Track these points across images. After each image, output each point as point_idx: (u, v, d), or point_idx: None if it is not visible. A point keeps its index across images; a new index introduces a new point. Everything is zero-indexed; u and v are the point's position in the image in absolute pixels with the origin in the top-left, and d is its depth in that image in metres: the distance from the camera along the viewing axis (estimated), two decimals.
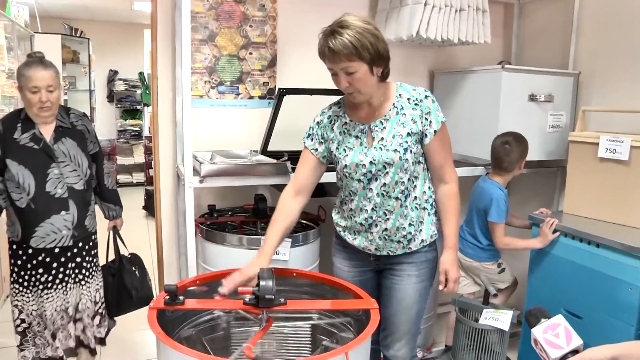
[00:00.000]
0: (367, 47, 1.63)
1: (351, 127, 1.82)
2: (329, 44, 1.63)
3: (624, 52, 2.60)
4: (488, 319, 2.37)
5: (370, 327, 1.49)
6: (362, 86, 1.68)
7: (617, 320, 2.11)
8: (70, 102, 6.77)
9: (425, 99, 1.78)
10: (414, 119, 1.76)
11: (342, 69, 1.66)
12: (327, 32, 1.65)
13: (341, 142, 1.83)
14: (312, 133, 1.89)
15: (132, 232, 5.62)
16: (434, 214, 1.89)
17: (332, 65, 1.67)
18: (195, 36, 2.55)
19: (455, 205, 1.89)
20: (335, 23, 1.65)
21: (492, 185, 2.57)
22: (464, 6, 2.59)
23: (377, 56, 1.66)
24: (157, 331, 1.47)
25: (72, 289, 2.30)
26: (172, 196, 2.70)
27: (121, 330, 2.28)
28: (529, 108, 2.66)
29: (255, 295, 1.57)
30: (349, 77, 1.66)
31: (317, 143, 1.87)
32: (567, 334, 1.20)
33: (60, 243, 2.21)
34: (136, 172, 8.30)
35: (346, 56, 1.62)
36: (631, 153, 2.27)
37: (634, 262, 2.04)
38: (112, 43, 7.99)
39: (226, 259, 2.23)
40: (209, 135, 2.66)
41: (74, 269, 2.29)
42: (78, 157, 2.25)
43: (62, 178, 2.20)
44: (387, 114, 1.78)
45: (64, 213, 2.19)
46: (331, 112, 1.89)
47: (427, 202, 1.87)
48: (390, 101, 1.79)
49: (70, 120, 2.28)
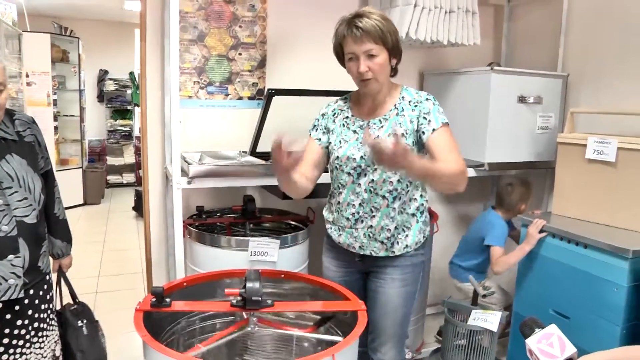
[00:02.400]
0: (391, 33, 1.73)
1: (351, 122, 1.87)
2: (357, 24, 1.69)
3: (611, 55, 2.62)
4: (477, 320, 2.38)
5: (357, 328, 1.49)
6: (380, 73, 1.74)
7: (603, 320, 2.13)
8: (60, 102, 6.72)
9: (426, 100, 1.81)
10: (411, 119, 1.79)
11: (365, 52, 1.71)
12: (350, 18, 1.73)
13: (339, 134, 1.87)
14: (316, 124, 1.96)
15: (122, 232, 5.67)
16: (422, 222, 1.89)
17: (356, 47, 1.71)
18: (184, 36, 2.54)
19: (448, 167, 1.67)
20: (355, 12, 1.73)
21: (493, 215, 2.76)
22: (454, 8, 2.60)
23: (396, 45, 1.76)
24: (143, 334, 1.46)
25: (23, 356, 1.72)
26: (161, 197, 2.68)
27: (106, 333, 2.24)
28: (518, 109, 2.67)
29: (242, 297, 1.56)
30: (369, 61, 1.71)
31: (321, 133, 1.93)
32: (561, 343, 1.22)
33: (5, 297, 1.61)
34: (126, 173, 8.27)
35: (373, 38, 1.69)
36: (618, 154, 2.28)
37: (620, 262, 2.06)
38: (102, 42, 7.95)
39: (214, 260, 2.22)
40: (198, 136, 2.65)
41: (25, 326, 1.71)
42: (28, 180, 1.68)
43: (9, 210, 1.62)
44: (387, 114, 1.82)
45: (12, 257, 1.62)
46: (336, 105, 1.95)
47: (417, 209, 1.87)
48: (393, 102, 1.83)
49: (16, 129, 1.72)
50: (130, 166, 8.21)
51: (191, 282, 1.88)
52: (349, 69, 1.79)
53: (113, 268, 4.56)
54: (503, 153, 2.67)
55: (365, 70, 1.72)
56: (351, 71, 1.78)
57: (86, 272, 4.33)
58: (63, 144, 6.87)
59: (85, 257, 4.73)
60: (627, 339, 2.07)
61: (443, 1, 2.56)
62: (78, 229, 5.82)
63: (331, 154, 1.89)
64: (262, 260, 2.15)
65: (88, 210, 6.75)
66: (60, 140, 6.75)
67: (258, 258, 2.15)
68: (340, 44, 1.78)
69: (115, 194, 7.77)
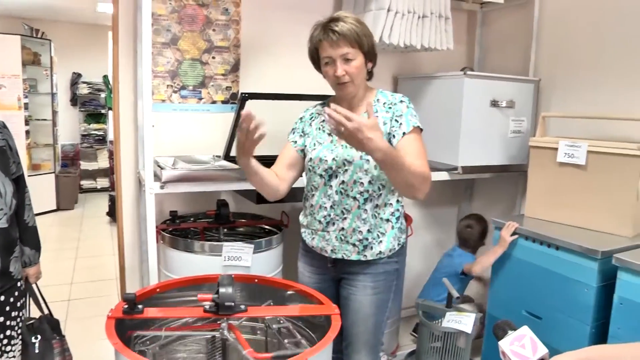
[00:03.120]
0: (367, 37, 1.75)
1: (327, 125, 1.84)
2: (333, 28, 1.70)
3: (581, 60, 2.67)
4: (451, 322, 2.40)
5: (331, 332, 1.49)
6: (356, 77, 1.75)
7: (574, 320, 2.16)
8: (31, 105, 6.58)
9: (400, 102, 1.82)
10: (384, 121, 1.79)
11: (342, 55, 1.71)
12: (326, 22, 1.74)
13: (314, 137, 1.89)
14: (294, 128, 1.97)
15: (95, 238, 5.58)
16: (397, 229, 1.89)
17: (333, 51, 1.72)
18: (157, 39, 2.51)
19: (414, 165, 1.64)
20: (331, 17, 1.75)
21: (459, 252, 2.93)
22: (427, 13, 2.62)
23: (371, 49, 1.78)
24: (114, 341, 1.44)
25: None
26: (135, 202, 2.65)
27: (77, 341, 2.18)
28: (491, 113, 2.70)
29: (215, 303, 1.55)
30: (346, 65, 1.72)
31: (297, 136, 1.95)
32: (533, 344, 1.24)
33: None
34: (100, 178, 8.14)
35: (350, 41, 1.70)
36: (588, 158, 2.33)
37: (590, 263, 2.10)
38: (75, 45, 7.81)
39: (188, 266, 2.19)
40: (172, 140, 2.62)
41: None
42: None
43: None
44: (363, 116, 1.80)
45: None
46: (314, 109, 1.97)
47: (392, 214, 1.86)
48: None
49: None
50: (104, 171, 8.08)
51: (164, 288, 1.85)
52: (325, 73, 1.79)
53: (87, 275, 4.48)
54: (476, 156, 2.70)
55: (342, 74, 1.72)
56: (327, 75, 1.78)
57: (59, 279, 4.25)
58: (35, 148, 6.73)
59: (58, 264, 4.65)
60: (596, 337, 2.11)
61: (416, 6, 2.58)
62: (51, 235, 5.71)
63: (306, 156, 1.90)
64: (236, 265, 2.13)
65: (61, 216, 6.62)
66: (32, 144, 6.62)
67: (232, 263, 2.13)
68: (316, 48, 1.78)
69: (89, 199, 7.64)
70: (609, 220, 2.29)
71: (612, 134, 2.47)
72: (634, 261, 1.92)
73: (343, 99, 1.83)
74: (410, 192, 1.69)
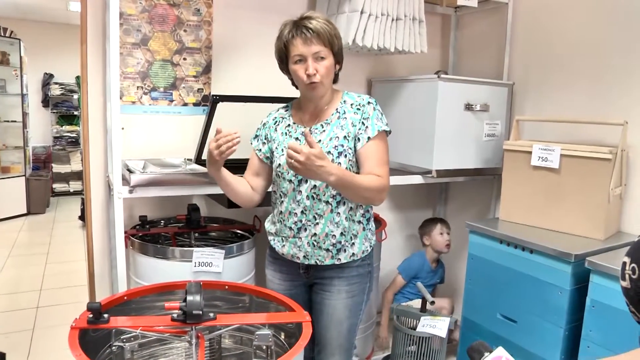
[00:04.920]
0: (337, 38, 1.75)
1: (293, 129, 1.84)
2: (307, 25, 1.69)
3: (554, 64, 2.69)
4: (425, 326, 2.40)
5: (301, 340, 1.45)
6: (326, 77, 1.74)
7: (548, 322, 2.17)
8: (0, 107, 6.43)
9: (368, 104, 1.80)
10: (353, 122, 1.77)
11: (315, 54, 1.70)
12: (298, 20, 1.72)
13: (281, 142, 1.84)
14: (258, 134, 1.95)
15: (67, 244, 5.45)
16: (369, 230, 1.87)
17: (305, 48, 1.70)
18: (127, 39, 2.45)
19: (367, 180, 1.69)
20: (302, 15, 1.73)
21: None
22: (401, 15, 2.61)
23: (341, 50, 1.78)
24: (77, 353, 1.38)
25: None
26: (104, 207, 2.58)
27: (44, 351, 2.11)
28: (465, 117, 2.70)
29: (183, 311, 1.50)
30: (317, 63, 1.71)
31: (261, 143, 1.92)
32: None
33: None
34: (73, 181, 7.99)
35: (323, 40, 1.70)
36: (561, 161, 2.34)
37: (563, 267, 2.10)
38: (46, 45, 7.65)
39: (158, 272, 2.13)
40: (142, 143, 2.56)
41: None
42: None
43: None
44: (329, 118, 1.80)
45: None
46: (277, 114, 1.93)
47: (363, 216, 1.85)
48: (334, 107, 1.81)
49: None
50: (77, 174, 7.92)
51: (132, 296, 1.81)
52: (294, 71, 1.74)
53: (56, 281, 4.35)
54: (450, 160, 2.69)
55: (314, 72, 1.69)
56: (297, 74, 1.74)
57: (27, 286, 4.12)
58: (4, 151, 6.57)
59: (27, 270, 4.51)
60: (569, 340, 2.12)
61: (390, 9, 2.56)
62: (20, 240, 5.57)
63: (274, 162, 1.86)
64: (207, 271, 2.08)
65: (31, 220, 6.47)
66: (1, 147, 6.46)
67: (202, 269, 2.08)
68: (286, 47, 1.74)
69: (62, 202, 7.48)
70: (582, 223, 2.30)
71: (585, 138, 2.49)
72: (606, 264, 1.93)
73: (310, 100, 1.81)
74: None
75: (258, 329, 1.68)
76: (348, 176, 1.65)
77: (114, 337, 1.68)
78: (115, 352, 1.67)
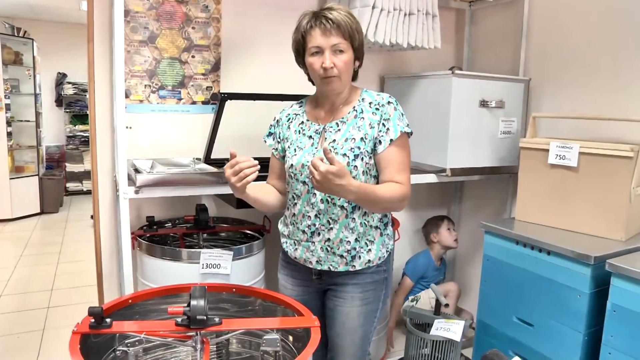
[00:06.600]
0: (359, 32, 1.66)
1: (306, 127, 1.76)
2: (327, 16, 1.60)
3: (571, 59, 2.61)
4: (439, 330, 2.33)
5: (309, 347, 1.40)
6: (344, 72, 1.65)
7: (566, 327, 2.09)
8: (14, 106, 6.45)
9: (388, 104, 1.70)
10: (371, 124, 1.68)
11: (333, 46, 1.61)
12: (318, 10, 1.65)
13: (294, 141, 1.76)
14: (272, 132, 1.88)
15: (79, 243, 5.45)
16: (386, 236, 1.80)
17: (324, 40, 1.61)
18: (134, 37, 2.42)
19: (389, 191, 1.64)
20: (323, 6, 1.66)
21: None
22: (414, 10, 2.55)
23: (361, 46, 1.69)
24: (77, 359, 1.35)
25: None
26: (112, 207, 2.55)
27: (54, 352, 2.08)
28: (480, 114, 2.63)
29: (187, 316, 1.46)
30: (335, 57, 1.62)
31: (276, 142, 1.85)
32: None
33: None
34: (86, 180, 8.00)
35: (343, 32, 1.61)
36: (580, 159, 2.26)
37: (582, 269, 2.03)
38: (59, 44, 7.67)
39: (166, 273, 2.10)
40: (150, 142, 2.53)
41: None
42: None
43: None
44: (345, 117, 1.71)
45: None
46: (291, 110, 1.85)
47: (380, 221, 1.77)
48: (352, 105, 1.73)
49: None
50: (90, 173, 7.95)
51: (137, 299, 1.76)
52: (310, 64, 1.66)
53: (68, 281, 4.35)
54: (465, 158, 2.62)
55: (331, 65, 1.61)
56: (313, 67, 1.65)
57: (38, 286, 4.12)
58: (18, 150, 6.59)
59: (39, 270, 4.52)
60: (589, 345, 2.04)
61: (402, 3, 2.50)
62: (33, 239, 5.58)
63: (286, 162, 1.79)
64: (215, 273, 2.04)
65: (44, 220, 6.49)
66: (14, 146, 6.48)
67: (210, 271, 2.04)
68: (304, 37, 1.65)
69: (75, 201, 7.51)
70: (602, 224, 2.22)
71: (605, 135, 2.40)
72: (627, 267, 1.85)
73: (326, 96, 1.73)
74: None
75: (266, 332, 1.64)
76: (370, 192, 1.59)
77: (118, 342, 1.64)
78: (119, 356, 1.63)
